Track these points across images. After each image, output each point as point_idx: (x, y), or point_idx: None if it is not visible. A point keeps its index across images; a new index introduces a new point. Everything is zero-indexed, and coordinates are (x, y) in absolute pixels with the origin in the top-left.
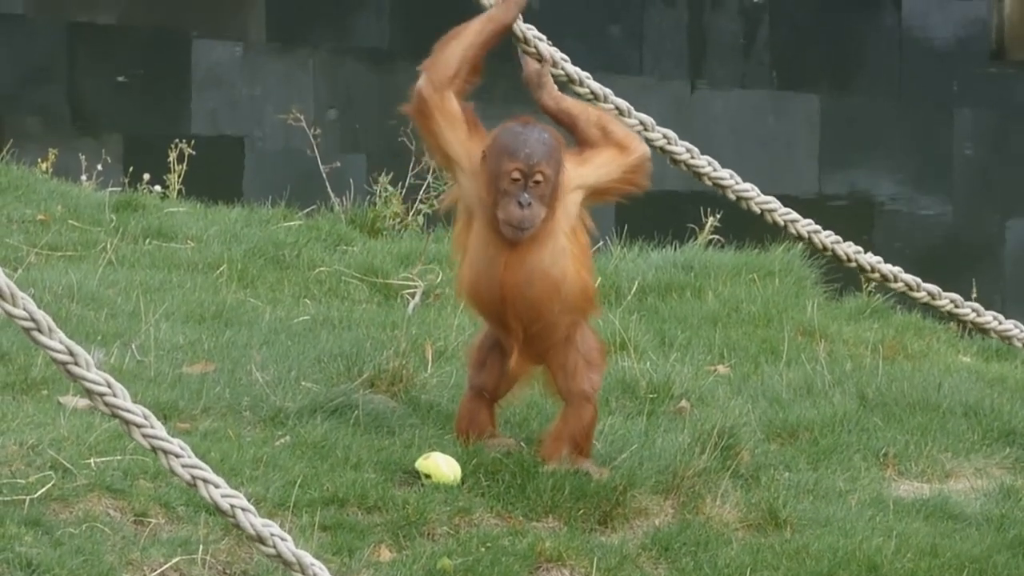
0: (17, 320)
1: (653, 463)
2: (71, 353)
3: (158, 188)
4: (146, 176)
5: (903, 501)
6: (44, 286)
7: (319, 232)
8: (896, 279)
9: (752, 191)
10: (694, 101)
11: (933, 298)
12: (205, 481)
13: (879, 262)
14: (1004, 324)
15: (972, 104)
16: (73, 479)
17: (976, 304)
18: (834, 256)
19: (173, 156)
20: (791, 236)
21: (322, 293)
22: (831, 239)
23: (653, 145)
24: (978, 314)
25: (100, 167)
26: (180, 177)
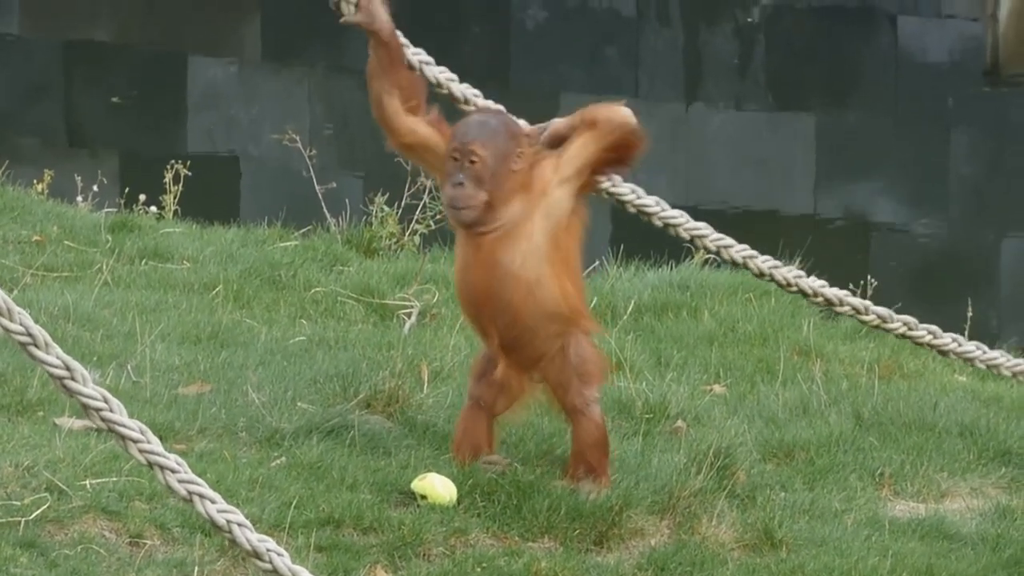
0: (14, 335)
1: (649, 483)
2: (67, 368)
3: (154, 209)
4: (142, 197)
5: (899, 521)
6: (40, 307)
7: (315, 252)
8: (842, 303)
9: (683, 217)
10: (689, 121)
11: (910, 328)
12: (201, 496)
13: (823, 286)
14: (989, 353)
15: (967, 122)
16: (68, 500)
17: (956, 335)
18: (772, 280)
19: (169, 177)
20: (727, 262)
21: (318, 313)
22: (768, 264)
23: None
24: (959, 344)
25: (96, 188)
26: (176, 198)
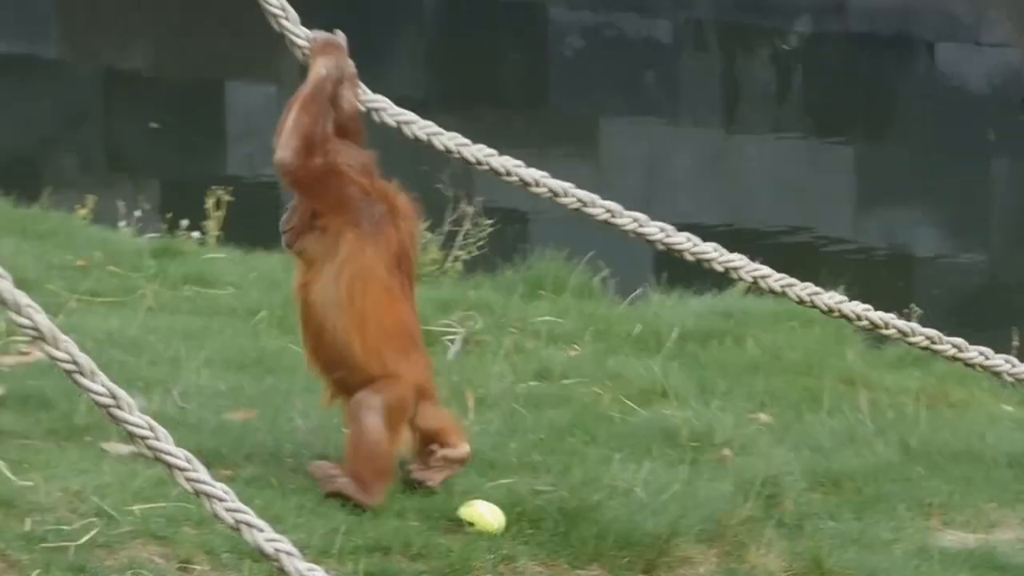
0: (59, 363)
1: (697, 512)
2: (113, 396)
3: (196, 234)
4: (184, 222)
5: (949, 551)
6: (85, 332)
7: None
8: (888, 325)
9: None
10: (728, 148)
11: (960, 350)
12: (249, 525)
13: (867, 310)
14: None
15: (1007, 151)
16: (117, 526)
17: (1008, 356)
18: (814, 307)
19: (211, 202)
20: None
21: None
22: (808, 291)
23: (596, 219)
24: (1012, 365)
25: (138, 212)
26: (219, 224)
